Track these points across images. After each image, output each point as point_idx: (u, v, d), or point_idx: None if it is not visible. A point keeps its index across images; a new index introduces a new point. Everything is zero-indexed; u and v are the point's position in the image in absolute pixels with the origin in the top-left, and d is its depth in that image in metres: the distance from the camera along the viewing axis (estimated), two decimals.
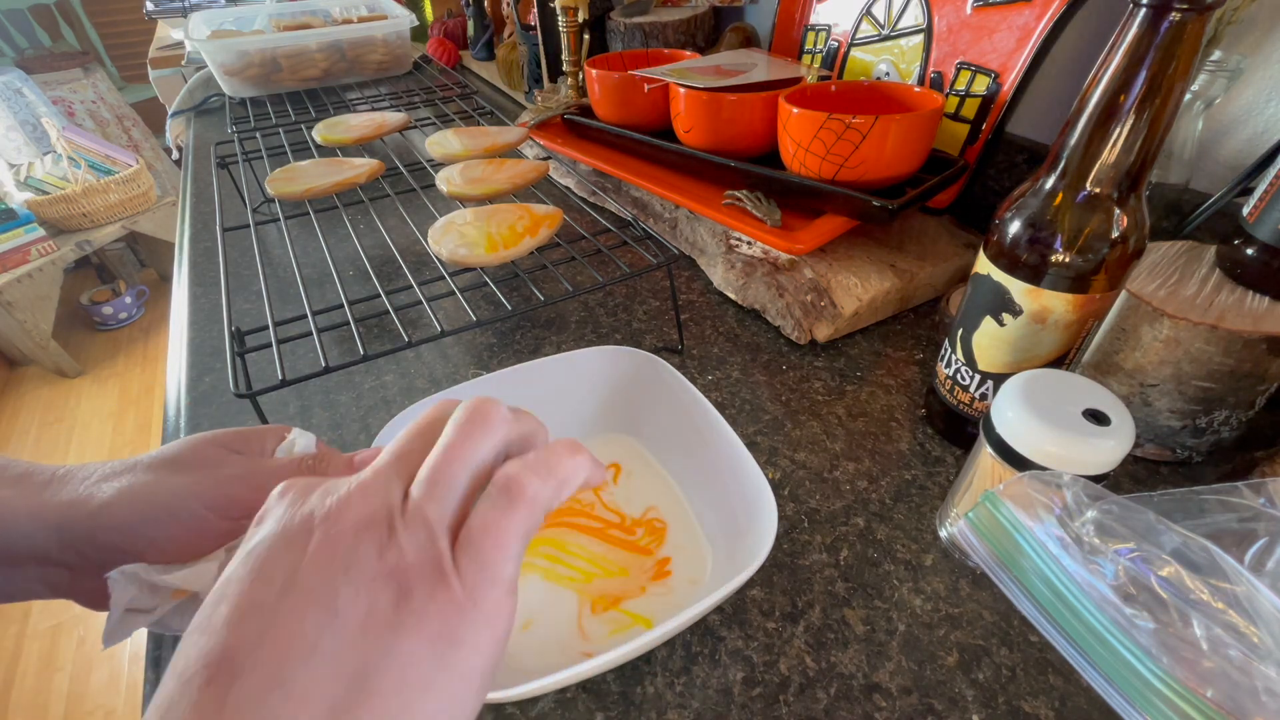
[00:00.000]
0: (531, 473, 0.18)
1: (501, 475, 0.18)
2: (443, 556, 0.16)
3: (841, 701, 0.29)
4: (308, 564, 0.16)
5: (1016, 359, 0.35)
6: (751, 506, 0.31)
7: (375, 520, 0.16)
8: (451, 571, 0.16)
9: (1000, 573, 0.26)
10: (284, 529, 0.16)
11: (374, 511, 0.17)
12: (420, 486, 0.17)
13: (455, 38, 1.28)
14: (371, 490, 0.17)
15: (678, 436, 0.38)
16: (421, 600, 0.16)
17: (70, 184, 1.91)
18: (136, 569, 0.26)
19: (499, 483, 0.18)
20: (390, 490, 0.17)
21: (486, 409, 0.19)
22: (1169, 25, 0.26)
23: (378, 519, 0.17)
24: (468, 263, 0.44)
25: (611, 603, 0.33)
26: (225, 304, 0.41)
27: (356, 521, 0.16)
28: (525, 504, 0.18)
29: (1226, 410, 0.35)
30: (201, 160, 0.87)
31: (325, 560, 0.16)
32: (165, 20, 2.04)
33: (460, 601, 0.16)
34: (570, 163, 0.73)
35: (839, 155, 0.48)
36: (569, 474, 0.19)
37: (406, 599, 0.16)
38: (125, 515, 0.25)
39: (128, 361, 2.13)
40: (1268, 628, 0.21)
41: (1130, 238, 0.30)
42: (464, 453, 0.18)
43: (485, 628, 0.17)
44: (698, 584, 0.33)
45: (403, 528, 0.16)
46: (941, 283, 0.54)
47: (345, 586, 0.15)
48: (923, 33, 0.55)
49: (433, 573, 0.16)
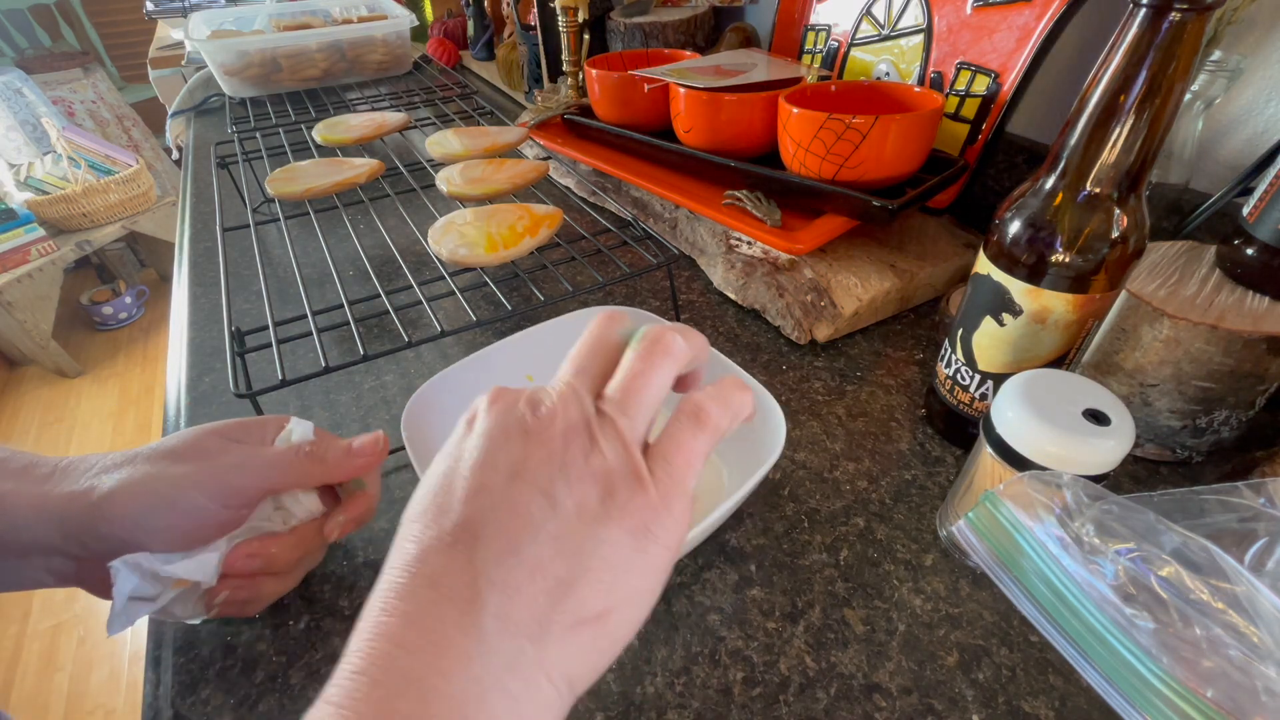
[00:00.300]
0: (715, 403, 0.21)
1: (691, 403, 0.21)
2: (640, 465, 0.19)
3: (841, 701, 0.29)
4: (528, 459, 0.18)
5: (1016, 359, 0.35)
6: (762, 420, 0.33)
7: (578, 428, 0.19)
8: (648, 478, 0.19)
9: (1000, 573, 0.26)
10: (502, 426, 0.19)
11: (575, 421, 0.19)
12: (613, 404, 0.20)
13: (455, 38, 1.28)
14: (569, 401, 0.19)
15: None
16: (624, 498, 0.18)
17: (70, 184, 1.91)
18: (139, 558, 0.26)
19: (689, 409, 0.21)
20: (584, 402, 0.20)
21: (668, 340, 0.21)
22: (1169, 25, 0.26)
23: (580, 427, 0.19)
24: (468, 263, 0.44)
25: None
26: (225, 304, 0.41)
27: (564, 428, 0.19)
28: (710, 429, 0.20)
29: (1226, 410, 0.35)
30: (201, 160, 0.87)
31: (543, 457, 0.18)
32: (165, 20, 2.04)
33: (655, 503, 0.19)
34: (570, 163, 0.73)
35: (839, 155, 0.48)
36: (741, 406, 0.22)
37: (612, 496, 0.18)
38: (126, 506, 0.26)
39: (128, 361, 2.13)
40: (1268, 628, 0.21)
41: (1130, 238, 0.30)
42: (651, 378, 0.20)
43: (674, 526, 0.19)
44: (717, 492, 0.36)
45: (602, 437, 0.19)
46: (941, 283, 0.54)
47: (561, 481, 0.18)
48: (923, 33, 0.55)
49: (632, 477, 0.19)
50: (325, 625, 0.33)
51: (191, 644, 0.32)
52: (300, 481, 0.30)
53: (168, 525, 0.27)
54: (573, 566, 0.17)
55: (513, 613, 0.16)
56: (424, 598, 0.16)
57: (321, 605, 0.34)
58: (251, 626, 0.33)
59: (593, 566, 0.17)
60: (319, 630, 0.33)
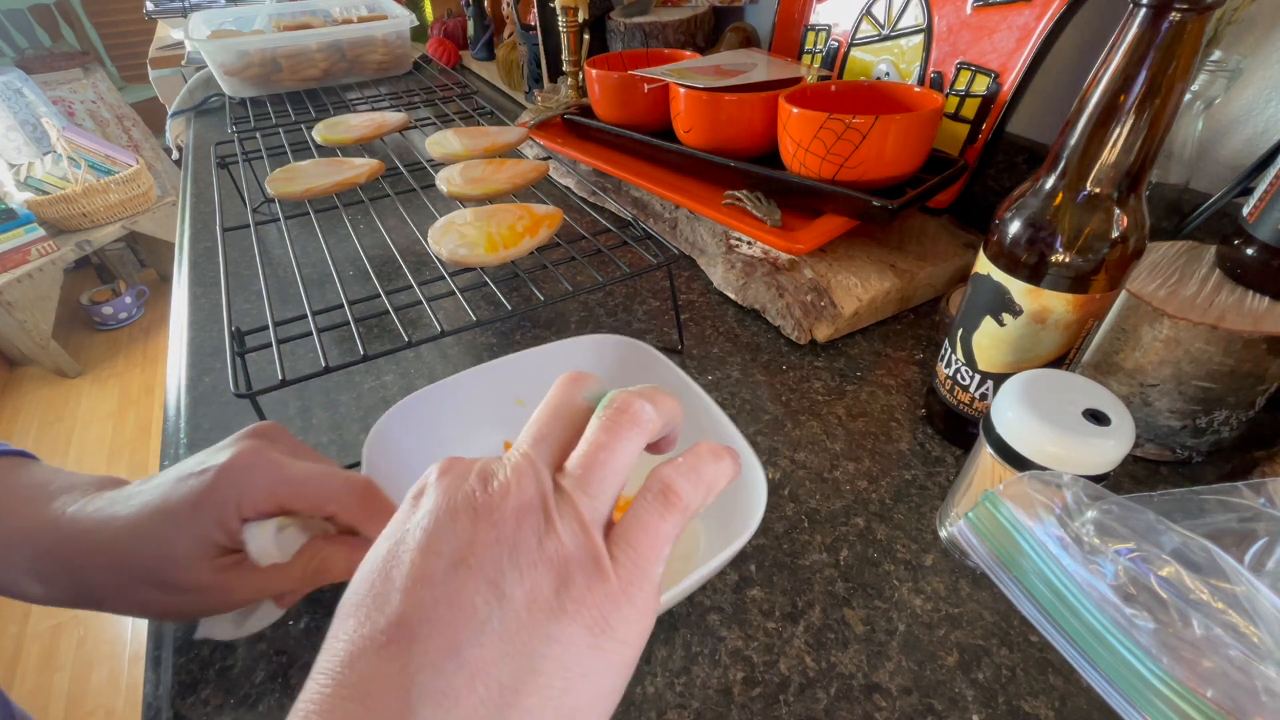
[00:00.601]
0: (685, 479, 0.19)
1: (658, 480, 0.19)
2: (599, 550, 0.17)
3: (841, 701, 0.29)
4: (474, 543, 0.16)
5: (1016, 359, 0.35)
6: (742, 485, 0.31)
7: (533, 508, 0.17)
8: (608, 565, 0.17)
9: (1000, 573, 0.26)
10: (449, 505, 0.17)
11: (531, 499, 0.17)
12: (573, 481, 0.18)
13: (455, 38, 1.28)
14: (525, 476, 0.18)
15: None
16: (580, 589, 0.17)
17: (70, 184, 1.91)
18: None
19: (655, 487, 0.19)
20: (541, 477, 0.18)
21: (636, 409, 0.20)
22: (1169, 25, 0.26)
23: (534, 506, 0.17)
24: (468, 263, 0.44)
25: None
26: (225, 304, 0.41)
27: (516, 508, 0.17)
28: (679, 509, 0.19)
29: (1226, 410, 0.35)
30: (201, 160, 0.87)
31: (491, 542, 0.17)
32: (165, 20, 2.04)
33: (616, 594, 0.17)
34: (570, 163, 0.73)
35: (839, 155, 0.48)
36: (715, 479, 0.20)
37: (567, 587, 0.16)
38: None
39: (128, 361, 2.13)
40: (1268, 628, 0.21)
41: (1130, 238, 0.30)
42: (616, 452, 0.19)
43: (636, 621, 0.17)
44: (690, 560, 0.34)
45: (559, 518, 0.17)
46: (941, 283, 0.54)
47: (511, 569, 0.16)
48: (923, 33, 0.55)
49: (591, 565, 0.17)
50: (325, 625, 0.33)
51: (191, 644, 0.32)
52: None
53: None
54: (519, 670, 0.15)
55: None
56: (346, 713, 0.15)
57: (322, 606, 0.34)
58: None
59: (543, 669, 0.16)
60: (319, 630, 0.33)
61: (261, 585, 0.28)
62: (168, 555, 0.26)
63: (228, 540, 0.27)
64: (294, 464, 0.28)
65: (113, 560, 0.26)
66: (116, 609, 0.27)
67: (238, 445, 0.28)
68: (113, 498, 0.27)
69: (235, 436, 0.29)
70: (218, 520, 0.26)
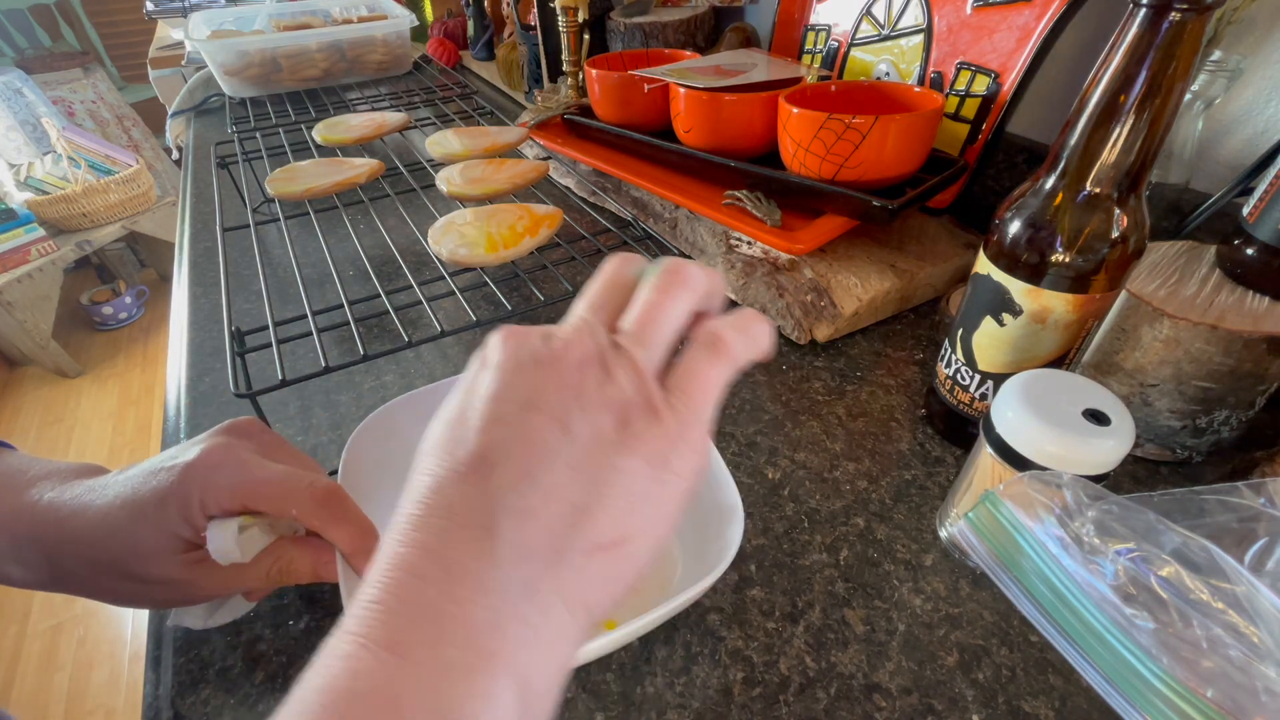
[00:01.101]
0: (733, 330, 0.20)
1: (708, 331, 0.20)
2: (655, 395, 0.19)
3: (841, 701, 0.29)
4: (542, 388, 0.18)
5: (1016, 359, 0.35)
6: (722, 515, 0.31)
7: (593, 359, 0.19)
8: (664, 407, 0.18)
9: (1000, 573, 0.26)
10: (516, 359, 0.19)
11: (590, 351, 0.19)
12: (629, 336, 0.19)
13: (455, 38, 1.28)
14: (584, 334, 0.19)
15: None
16: (640, 428, 0.18)
17: (70, 184, 1.91)
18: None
19: (706, 338, 0.20)
20: (599, 335, 0.19)
21: (685, 271, 0.21)
22: (1169, 25, 0.26)
23: (594, 358, 0.19)
24: (468, 263, 0.44)
25: None
26: (225, 304, 0.41)
27: (579, 359, 0.18)
28: (727, 357, 0.20)
29: (1226, 410, 0.35)
30: (201, 160, 0.87)
31: (558, 386, 0.18)
32: (165, 20, 2.04)
33: (671, 432, 0.18)
34: (570, 163, 0.73)
35: (839, 155, 0.48)
36: (757, 336, 0.21)
37: (627, 425, 0.18)
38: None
39: (128, 361, 2.13)
40: (1268, 628, 0.21)
41: (1130, 238, 0.30)
42: (667, 310, 0.20)
43: (691, 456, 0.19)
44: (664, 589, 0.33)
45: (618, 367, 0.19)
46: (941, 283, 0.54)
47: (577, 410, 0.18)
48: (923, 33, 0.55)
49: (647, 407, 0.18)
50: (325, 625, 0.33)
51: (191, 644, 0.32)
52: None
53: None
54: (589, 493, 0.17)
55: (528, 539, 0.16)
56: (438, 527, 0.16)
57: (322, 606, 0.34)
58: (251, 626, 0.33)
59: (609, 494, 0.17)
60: (319, 630, 0.32)
61: (227, 581, 0.29)
62: (134, 548, 0.27)
63: (193, 536, 0.27)
64: (259, 464, 0.28)
65: (84, 549, 0.27)
66: (89, 594, 0.28)
67: (208, 442, 0.28)
68: (89, 486, 0.28)
69: (210, 432, 0.29)
70: (182, 516, 0.27)
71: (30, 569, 0.27)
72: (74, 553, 0.27)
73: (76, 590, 0.28)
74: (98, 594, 0.28)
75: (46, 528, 0.27)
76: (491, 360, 0.19)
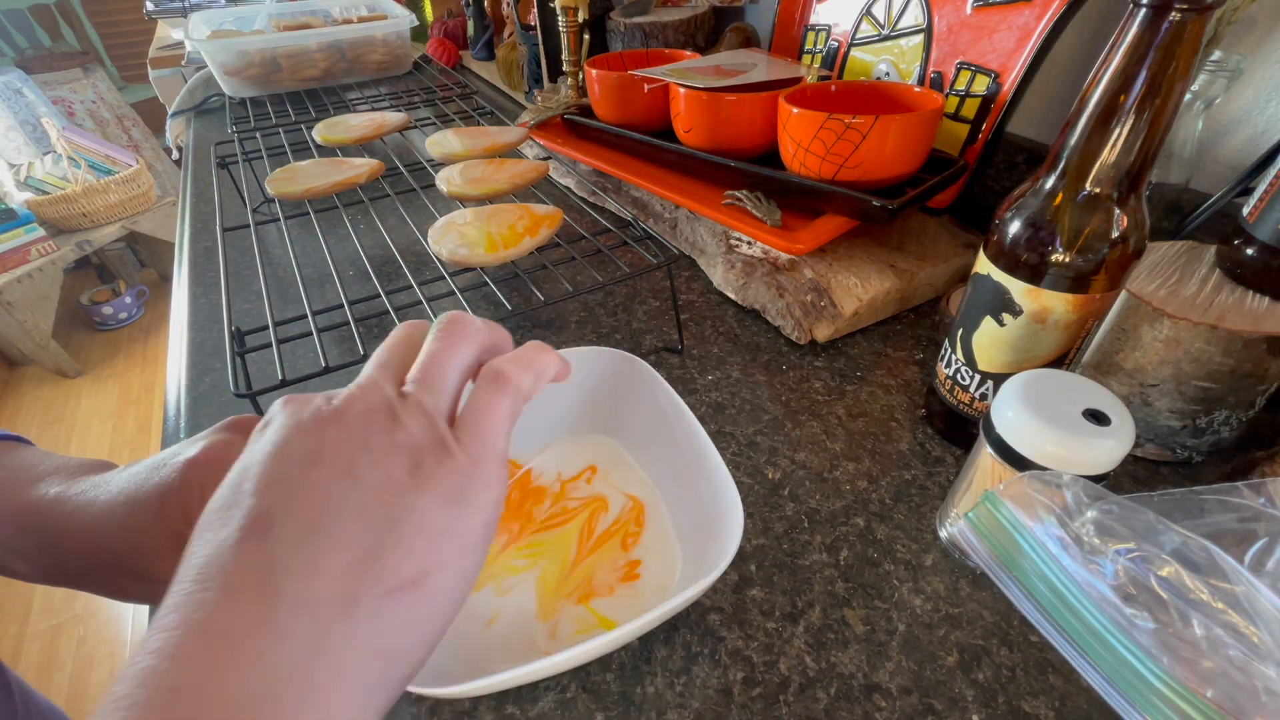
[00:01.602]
0: (513, 365, 0.21)
1: (489, 369, 0.21)
2: (445, 433, 0.19)
3: (841, 701, 0.29)
4: (326, 444, 0.17)
5: (1016, 359, 0.35)
6: (722, 515, 0.30)
7: (378, 410, 0.19)
8: (455, 445, 0.19)
9: (1000, 573, 0.26)
10: (296, 420, 0.18)
11: (375, 404, 0.19)
12: (414, 384, 0.20)
13: (455, 38, 1.28)
14: (369, 389, 0.19)
15: (656, 439, 0.37)
16: (431, 466, 0.18)
17: (70, 184, 1.91)
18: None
19: (488, 374, 0.21)
20: (385, 389, 0.19)
21: (463, 320, 0.22)
22: (1169, 25, 0.26)
23: (380, 409, 0.19)
24: (468, 263, 0.44)
25: (583, 597, 0.33)
26: (225, 304, 0.41)
27: (363, 412, 0.18)
28: (511, 390, 0.21)
29: (1226, 410, 0.35)
30: (201, 160, 0.87)
31: (342, 439, 0.18)
32: (165, 20, 2.04)
33: (465, 467, 0.19)
34: (570, 163, 0.73)
35: (839, 155, 0.48)
36: (543, 367, 0.22)
37: (419, 466, 0.18)
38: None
39: (128, 361, 2.13)
40: (1268, 628, 0.21)
41: (1130, 238, 0.30)
42: (450, 356, 0.21)
43: (486, 490, 0.19)
44: (664, 589, 0.33)
45: (405, 414, 0.19)
46: (941, 283, 0.54)
47: (364, 458, 0.17)
48: (923, 33, 0.55)
49: (438, 446, 0.18)
50: None
51: None
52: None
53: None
54: (383, 537, 0.17)
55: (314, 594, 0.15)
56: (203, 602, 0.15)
57: None
58: None
59: (405, 534, 0.17)
60: None
61: None
62: (137, 544, 0.26)
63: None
64: None
65: (87, 545, 0.27)
66: (91, 589, 0.28)
67: (210, 438, 0.28)
68: (94, 482, 0.28)
69: (212, 429, 0.29)
70: (183, 514, 0.27)
71: (34, 563, 0.28)
72: (77, 548, 0.27)
73: (77, 585, 0.28)
74: (98, 588, 0.28)
75: (51, 522, 0.27)
76: (272, 425, 0.18)
